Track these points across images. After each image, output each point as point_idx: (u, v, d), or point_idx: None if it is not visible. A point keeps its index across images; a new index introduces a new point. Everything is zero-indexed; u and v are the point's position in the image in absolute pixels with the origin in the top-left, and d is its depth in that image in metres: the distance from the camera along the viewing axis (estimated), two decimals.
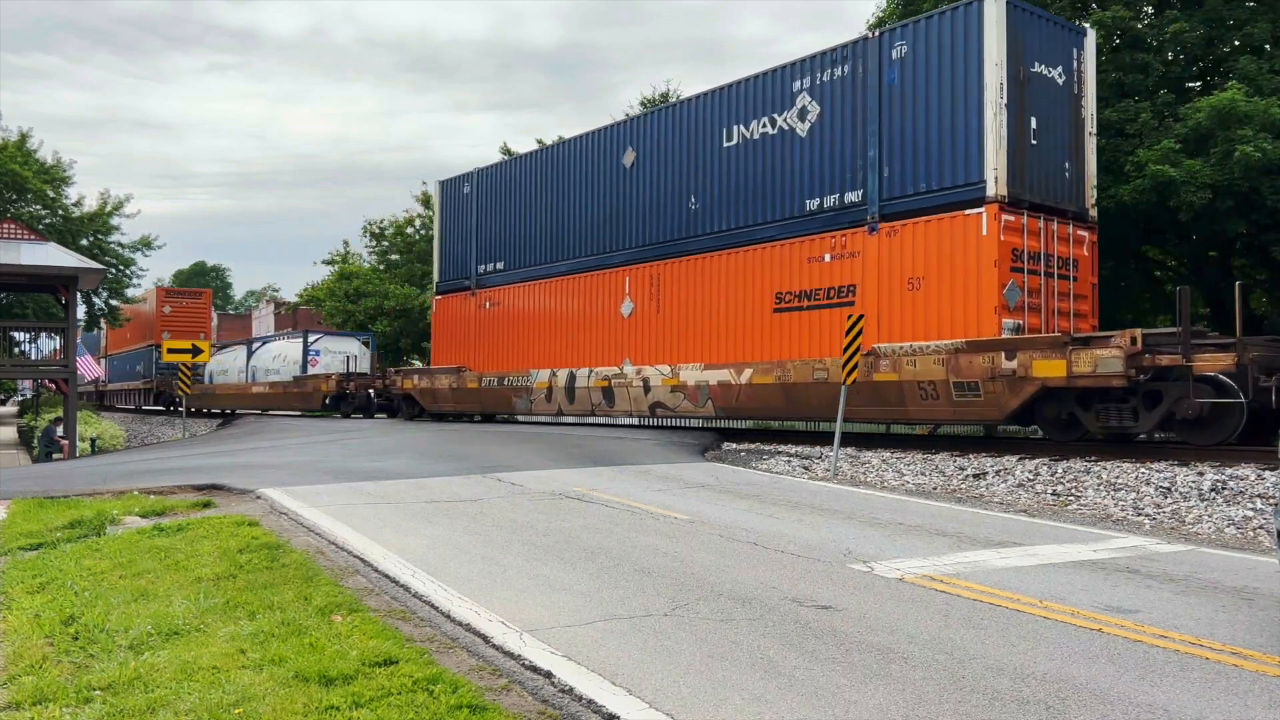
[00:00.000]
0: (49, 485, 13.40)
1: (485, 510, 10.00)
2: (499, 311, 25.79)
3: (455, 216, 28.05)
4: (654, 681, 4.77)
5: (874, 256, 16.54)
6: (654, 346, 20.53)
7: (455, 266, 27.94)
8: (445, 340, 28.08)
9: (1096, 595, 6.46)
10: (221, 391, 44.85)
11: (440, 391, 27.23)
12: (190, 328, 49.72)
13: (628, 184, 21.83)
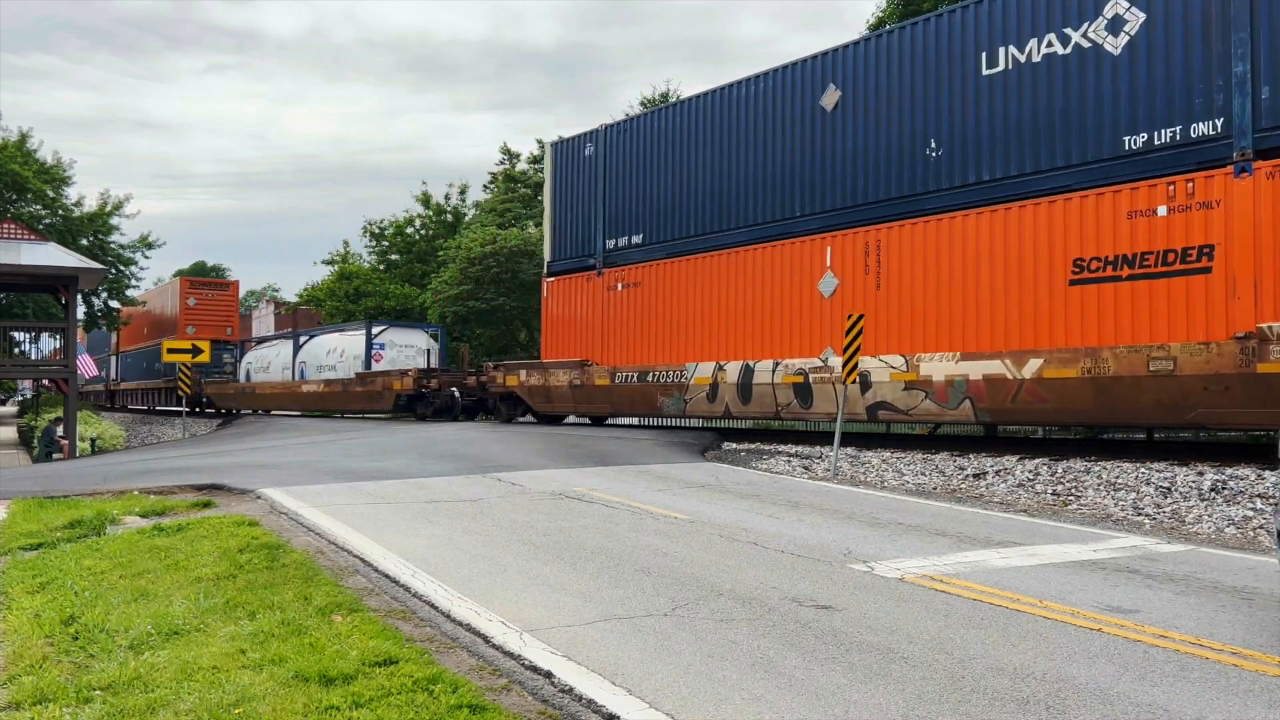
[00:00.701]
0: (49, 485, 13.40)
1: (485, 510, 10.00)
2: (637, 294, 21.40)
3: (573, 183, 23.75)
4: (654, 681, 4.77)
5: (1246, 206, 12.51)
6: (870, 332, 15.95)
7: (573, 243, 23.64)
8: (561, 330, 23.75)
9: (1096, 595, 6.46)
10: (262, 391, 39.65)
11: (556, 390, 23.12)
12: (217, 322, 46.31)
13: (829, 130, 17.51)
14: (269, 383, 39.10)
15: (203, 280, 48.96)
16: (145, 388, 51.96)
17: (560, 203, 24.35)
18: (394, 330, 34.30)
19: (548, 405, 23.84)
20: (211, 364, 43.20)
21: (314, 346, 36.98)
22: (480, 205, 57.61)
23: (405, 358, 32.86)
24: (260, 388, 39.63)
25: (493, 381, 25.64)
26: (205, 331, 44.01)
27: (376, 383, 30.85)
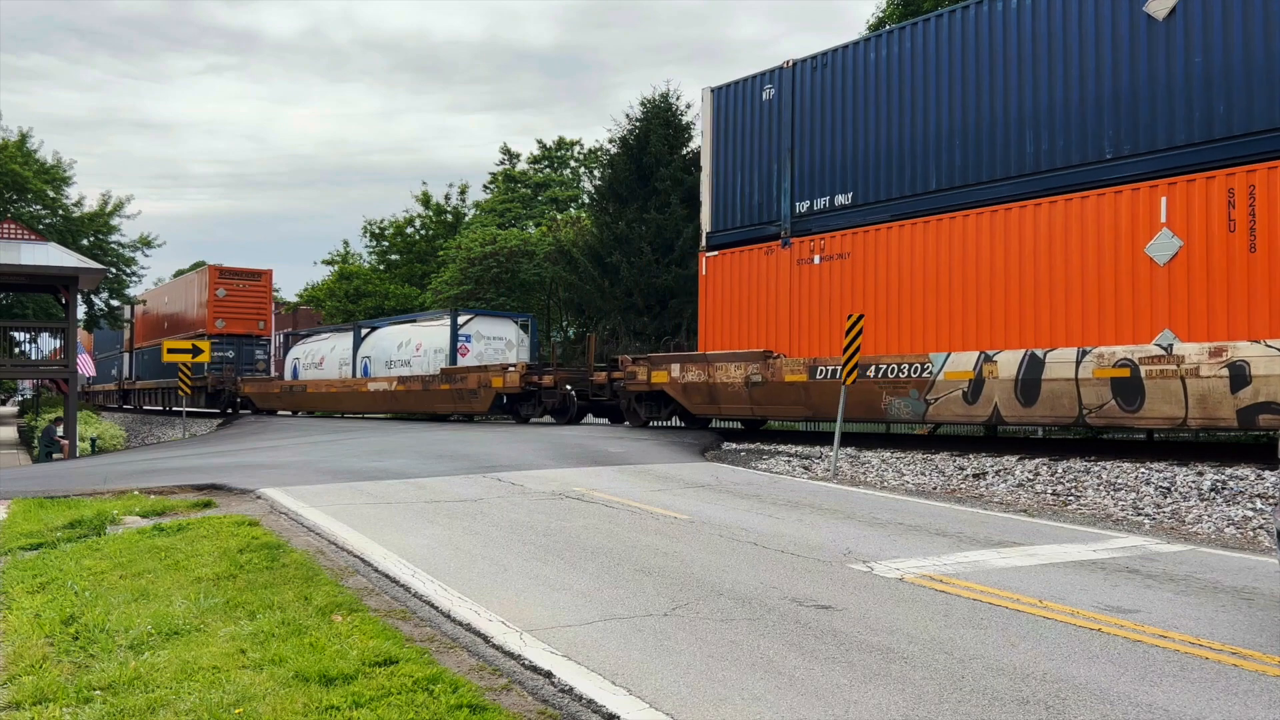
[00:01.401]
0: (49, 485, 13.40)
1: (485, 510, 10.00)
2: (844, 268, 17.19)
3: (744, 136, 19.52)
4: (654, 681, 4.77)
5: None
6: (1243, 308, 12.33)
7: (744, 208, 19.47)
8: (727, 315, 19.52)
9: (1096, 595, 6.46)
10: (315, 390, 34.53)
11: (725, 388, 18.56)
12: (249, 315, 42.34)
13: (1159, 44, 13.44)
14: (323, 381, 34.38)
15: (233, 270, 43.41)
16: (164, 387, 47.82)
17: (724, 161, 20.01)
18: (481, 320, 29.84)
19: (710, 407, 19.38)
20: (243, 360, 41.09)
21: (381, 340, 32.51)
22: (480, 205, 57.62)
23: (493, 351, 29.09)
24: (313, 386, 34.82)
25: (630, 378, 21.18)
26: (236, 325, 41.48)
27: (469, 379, 26.29)
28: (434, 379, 27.88)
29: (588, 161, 58.15)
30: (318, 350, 36.21)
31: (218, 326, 41.16)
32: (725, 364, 18.80)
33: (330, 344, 35.58)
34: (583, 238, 38.34)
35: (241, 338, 41.82)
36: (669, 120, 37.11)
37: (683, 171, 36.58)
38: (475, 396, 26.09)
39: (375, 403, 31.48)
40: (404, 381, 29.19)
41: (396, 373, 30.29)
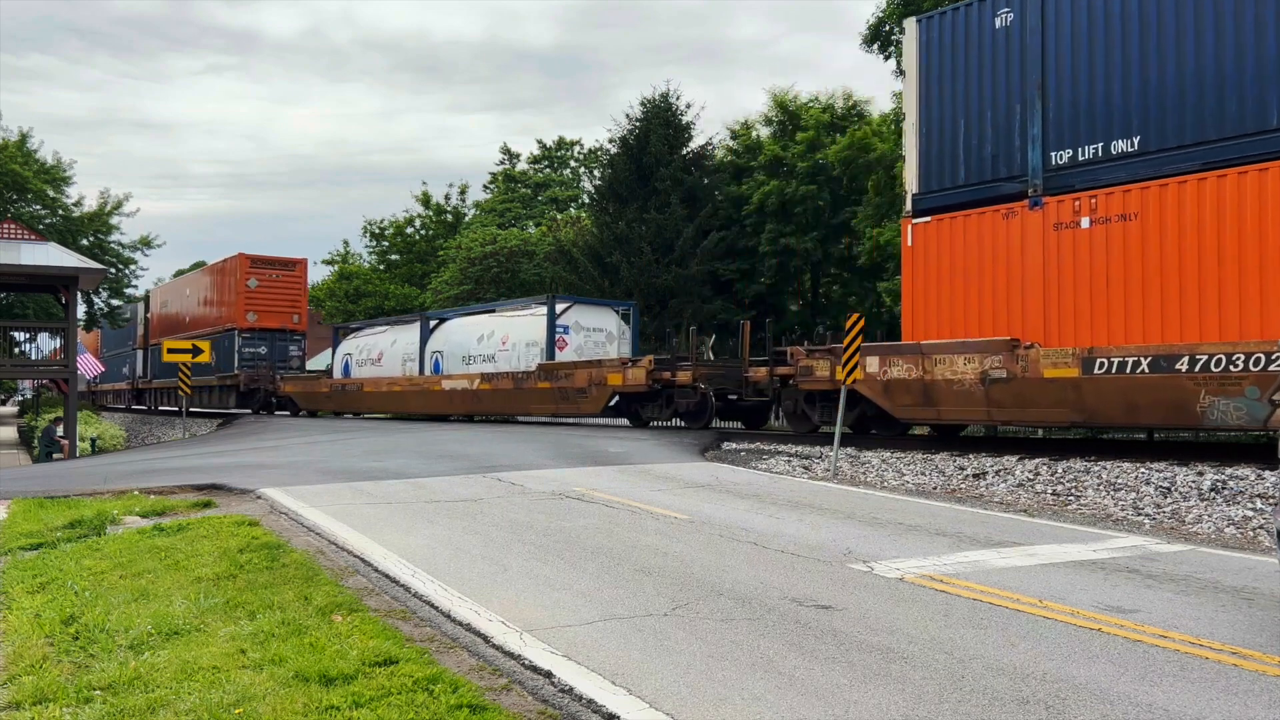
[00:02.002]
0: (49, 485, 13.40)
1: (485, 510, 10.00)
2: (1125, 232, 13.59)
3: (968, 74, 15.76)
4: (654, 681, 4.77)
5: None
6: None
7: (971, 162, 15.71)
8: (945, 295, 15.82)
9: (1096, 595, 6.46)
10: (372, 390, 30.71)
11: (949, 386, 14.85)
12: (283, 307, 39.09)
13: None
14: (384, 379, 30.43)
15: (266, 259, 39.71)
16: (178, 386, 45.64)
17: (938, 106, 16.28)
18: (580, 309, 26.02)
19: (923, 409, 15.57)
20: (276, 357, 38.05)
21: (454, 332, 28.87)
22: (480, 205, 57.64)
23: (593, 345, 25.41)
24: (371, 385, 30.82)
25: (805, 374, 17.42)
26: (269, 319, 38.28)
27: (576, 376, 22.83)
28: (528, 376, 24.26)
29: (588, 161, 58.18)
30: (374, 345, 32.19)
31: (249, 320, 38.01)
32: (949, 356, 14.96)
33: (389, 338, 31.65)
34: (583, 238, 38.33)
35: (275, 332, 38.84)
36: (669, 120, 37.12)
37: (682, 171, 36.59)
38: (584, 396, 22.54)
39: (452, 403, 27.45)
40: (490, 380, 25.52)
41: (478, 369, 26.54)
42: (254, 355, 37.96)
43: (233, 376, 37.50)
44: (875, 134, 32.60)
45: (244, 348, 37.96)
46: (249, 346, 37.86)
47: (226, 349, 38.70)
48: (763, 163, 37.11)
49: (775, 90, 43.31)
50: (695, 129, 37.98)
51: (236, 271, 38.74)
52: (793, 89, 44.01)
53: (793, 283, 38.69)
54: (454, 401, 27.36)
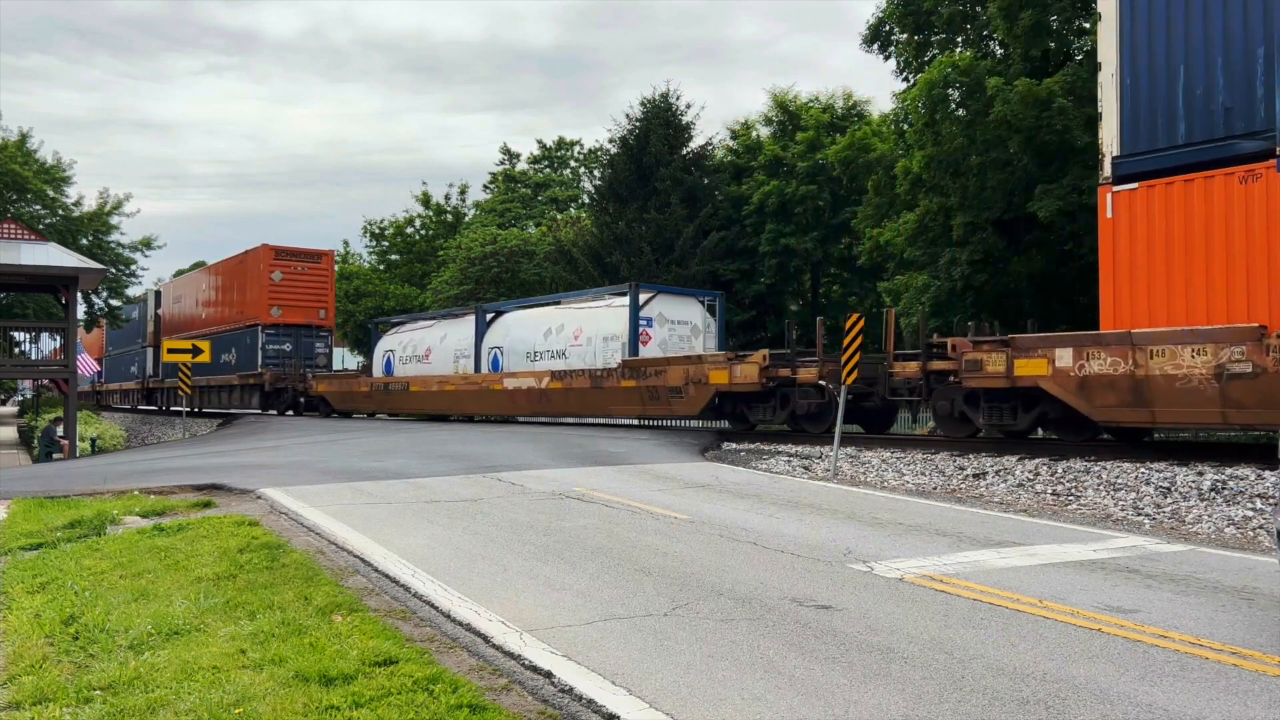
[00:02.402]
0: (49, 485, 13.40)
1: (485, 510, 10.00)
2: None
3: (1189, 10, 13.35)
4: (654, 681, 4.77)
5: None
6: None
7: (1193, 117, 13.26)
8: (1160, 274, 13.54)
9: (1096, 595, 6.46)
10: (421, 389, 27.98)
11: (1169, 382, 12.64)
12: (309, 301, 36.71)
13: None
14: (434, 377, 27.73)
15: (291, 250, 37.10)
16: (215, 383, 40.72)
17: (1146, 51, 13.91)
18: (664, 300, 23.08)
19: (1134, 411, 13.21)
20: (302, 354, 35.89)
21: (515, 326, 26.03)
22: (480, 205, 57.67)
23: (678, 339, 22.76)
24: (419, 384, 28.12)
25: (972, 369, 15.15)
26: (294, 314, 35.98)
27: (669, 374, 20.12)
28: (609, 374, 21.53)
29: (588, 161, 58.20)
30: (420, 340, 29.52)
31: (273, 315, 35.62)
32: (1171, 347, 12.69)
33: (438, 333, 29.06)
34: (583, 238, 38.33)
35: (300, 328, 36.45)
36: (669, 120, 37.13)
37: (682, 171, 36.60)
38: (679, 397, 19.85)
39: (516, 404, 24.60)
40: (562, 378, 22.84)
41: (546, 366, 23.85)
42: (278, 352, 35.63)
43: (256, 375, 35.18)
44: (875, 134, 32.62)
45: (268, 344, 35.60)
46: (273, 343, 35.68)
47: (249, 346, 36.34)
48: (763, 163, 37.12)
49: (775, 90, 43.34)
50: (695, 129, 38.02)
51: (259, 264, 36.17)
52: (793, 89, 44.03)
53: (793, 283, 38.70)
54: (518, 402, 24.43)
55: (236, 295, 38.57)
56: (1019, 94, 20.97)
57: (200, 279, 43.82)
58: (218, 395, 39.72)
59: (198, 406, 41.67)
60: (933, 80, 23.15)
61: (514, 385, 24.39)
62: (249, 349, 36.41)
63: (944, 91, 23.39)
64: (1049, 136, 21.17)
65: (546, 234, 44.01)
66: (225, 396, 38.97)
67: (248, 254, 37.85)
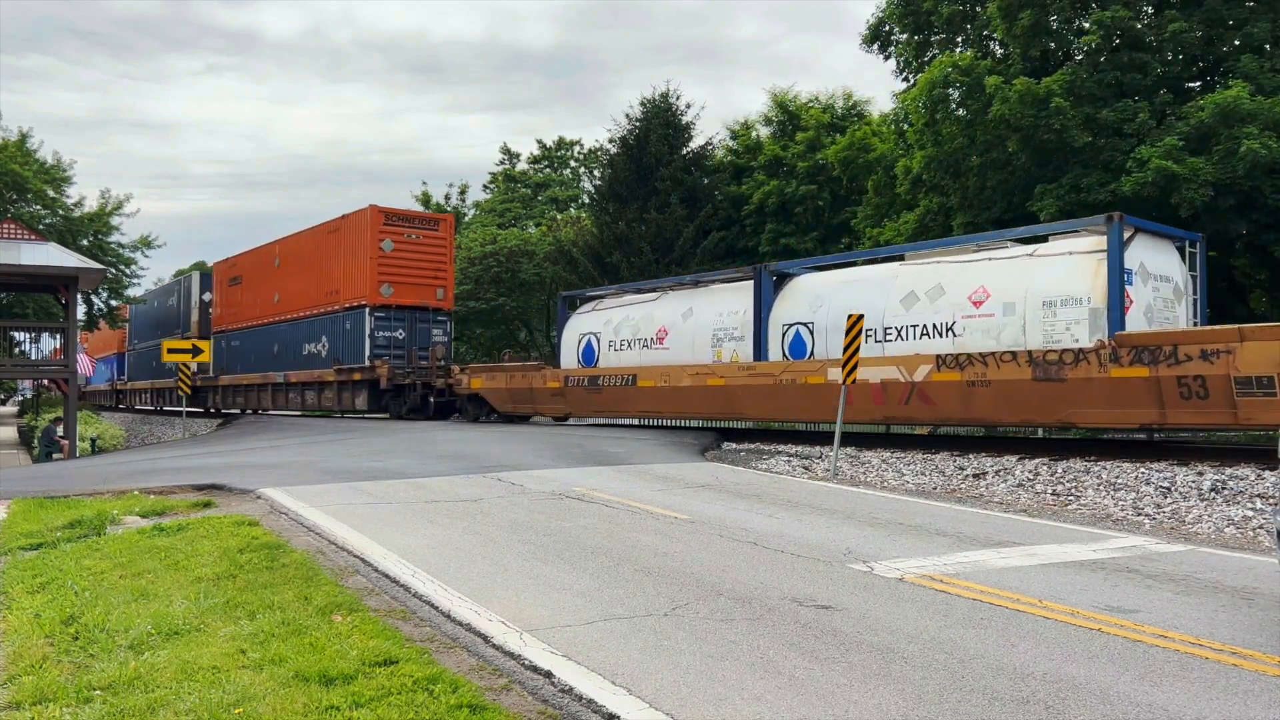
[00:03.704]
0: (49, 485, 13.40)
1: (485, 510, 10.00)
2: None
3: None
4: (654, 681, 4.77)
5: None
6: None
7: None
8: None
9: (1096, 595, 6.46)
10: (657, 384, 20.26)
11: None
12: (425, 276, 29.52)
13: None
14: (679, 367, 19.80)
15: (404, 213, 30.23)
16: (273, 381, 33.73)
17: None
18: (1144, 243, 14.87)
19: None
20: (418, 343, 29.22)
21: (835, 290, 17.98)
22: (480, 205, 57.69)
23: (1162, 303, 15.01)
24: (651, 376, 20.29)
25: None
26: (408, 293, 29.02)
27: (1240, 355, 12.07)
28: (1076, 358, 13.54)
29: (588, 161, 58.19)
30: (644, 318, 21.46)
31: (383, 295, 28.68)
32: None
33: (675, 306, 20.94)
34: (583, 238, 38.33)
35: (415, 311, 29.44)
36: (669, 120, 37.13)
37: (683, 171, 36.59)
38: (1255, 396, 11.96)
39: (863, 404, 16.25)
40: (956, 365, 14.88)
41: (912, 348, 15.97)
42: (389, 341, 28.84)
43: (364, 369, 28.33)
44: (875, 134, 32.61)
45: (378, 330, 28.62)
46: (383, 329, 28.80)
47: (350, 333, 29.37)
48: (763, 163, 37.12)
49: (775, 90, 43.32)
50: (695, 129, 38.00)
51: (365, 230, 28.86)
52: (792, 89, 44.00)
53: None
54: (867, 404, 16.24)
55: (331, 270, 30.95)
56: (1017, 93, 20.97)
57: (272, 253, 35.71)
58: (298, 395, 32.52)
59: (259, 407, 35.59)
60: (933, 80, 23.14)
61: (867, 376, 15.71)
62: (350, 336, 29.36)
63: (944, 91, 23.39)
64: (1047, 136, 21.17)
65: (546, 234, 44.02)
66: (311, 396, 31.80)
67: (346, 219, 30.56)
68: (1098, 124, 21.16)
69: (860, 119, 37.04)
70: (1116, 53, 22.08)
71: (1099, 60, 22.22)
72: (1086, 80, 21.49)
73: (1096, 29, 21.72)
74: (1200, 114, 19.46)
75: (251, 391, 36.19)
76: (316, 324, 31.71)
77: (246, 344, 36.60)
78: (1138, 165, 19.74)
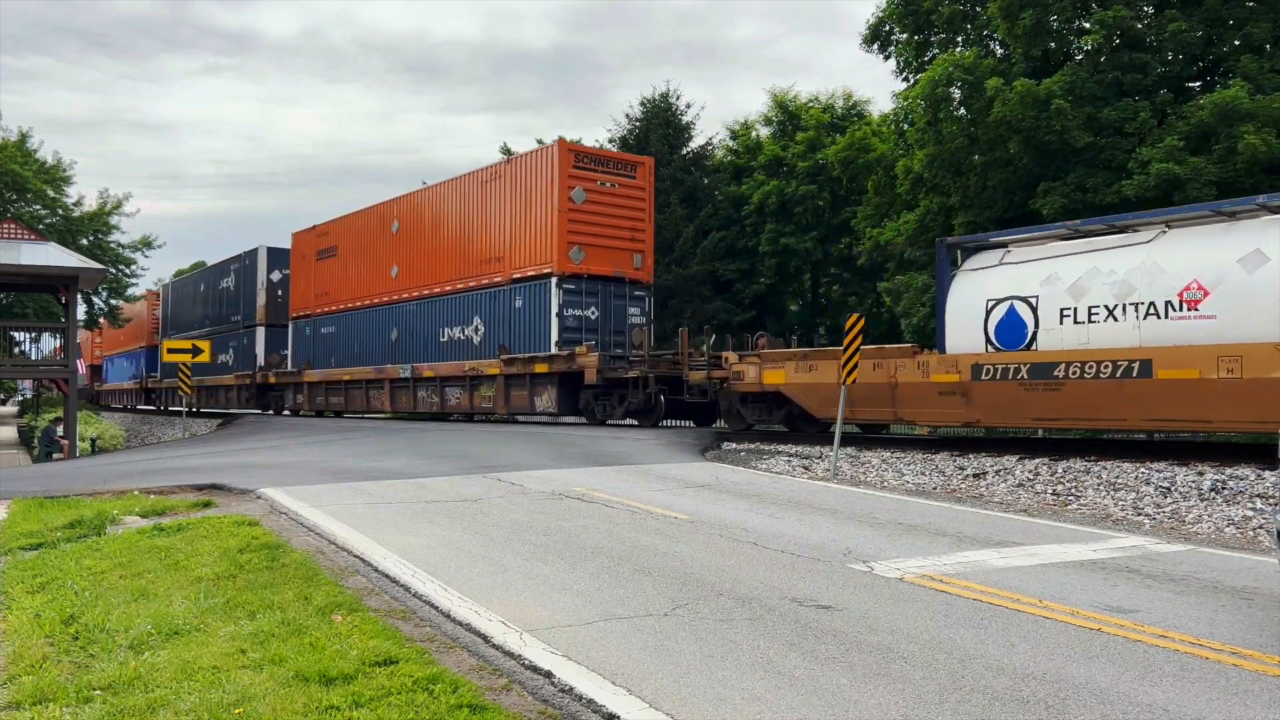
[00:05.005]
0: (49, 485, 13.40)
1: (485, 510, 10.00)
2: None
3: None
4: (654, 681, 4.77)
5: None
6: None
7: None
8: None
9: (1096, 595, 6.46)
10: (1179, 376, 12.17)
11: None
12: (621, 239, 22.86)
13: None
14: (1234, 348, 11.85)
15: (596, 153, 24.04)
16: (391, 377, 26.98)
17: None
18: None
19: None
20: (613, 324, 22.80)
21: None
22: None
23: None
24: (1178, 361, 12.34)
25: None
26: (602, 260, 22.34)
27: None
28: None
29: None
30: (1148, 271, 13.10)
31: (573, 261, 22.01)
32: None
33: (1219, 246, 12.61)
34: None
35: (610, 283, 22.82)
36: (669, 120, 37.16)
37: (682, 171, 36.60)
38: None
39: None
40: None
41: None
42: (579, 322, 22.26)
43: (553, 359, 21.69)
44: (875, 134, 32.60)
45: (566, 308, 22.08)
46: (572, 307, 22.27)
47: (528, 313, 22.85)
48: (763, 163, 37.13)
49: (775, 90, 43.31)
50: (695, 129, 38.04)
51: (551, 174, 22.06)
52: (792, 89, 44.01)
53: (793, 283, 38.71)
54: None
55: (488, 231, 24.33)
56: (1018, 94, 20.97)
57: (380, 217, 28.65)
58: (433, 393, 25.82)
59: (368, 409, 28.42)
60: (935, 78, 23.14)
61: None
62: (523, 317, 22.94)
63: (946, 90, 23.39)
64: (1048, 137, 21.18)
65: None
66: (457, 395, 25.01)
67: (516, 162, 23.73)
68: (1099, 124, 21.16)
69: (860, 119, 37.04)
70: (1117, 52, 22.09)
71: (1099, 60, 22.22)
72: (1087, 80, 21.48)
73: (1098, 28, 21.73)
74: (1200, 113, 19.46)
75: (356, 389, 28.82)
76: (464, 302, 24.92)
77: (346, 330, 29.64)
78: (1140, 166, 19.75)
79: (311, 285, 32.22)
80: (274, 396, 33.77)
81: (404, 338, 27.30)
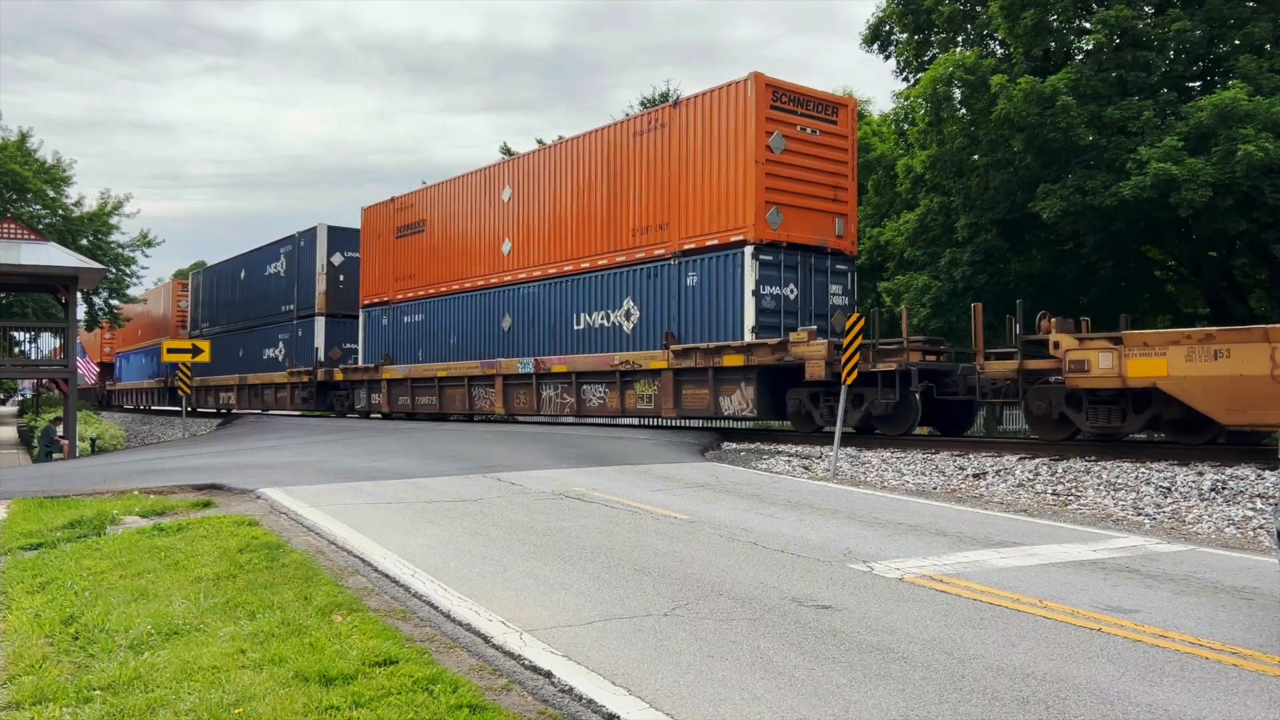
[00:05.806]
0: (49, 485, 13.40)
1: (485, 510, 10.00)
2: None
3: None
4: (654, 681, 4.77)
5: None
6: None
7: None
8: None
9: (1096, 595, 6.46)
10: None
11: None
12: (824, 200, 18.85)
13: None
14: None
15: (796, 90, 18.59)
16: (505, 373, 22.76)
17: None
18: None
19: None
20: (811, 304, 18.63)
21: None
22: None
23: None
24: None
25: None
26: (801, 225, 18.35)
27: None
28: None
29: None
30: None
31: (771, 227, 17.91)
32: None
33: None
34: None
35: (811, 253, 18.72)
36: None
37: None
38: None
39: None
40: None
41: None
42: (776, 303, 18.13)
43: (755, 348, 17.49)
44: (875, 134, 32.61)
45: (763, 284, 17.91)
46: (769, 284, 18.06)
47: (707, 293, 18.65)
48: None
49: None
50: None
51: (745, 115, 17.98)
52: None
53: None
54: None
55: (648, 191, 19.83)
56: (1022, 92, 20.96)
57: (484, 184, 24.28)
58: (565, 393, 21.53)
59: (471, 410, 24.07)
60: (937, 78, 23.14)
61: None
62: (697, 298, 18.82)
63: (948, 90, 23.38)
64: (1053, 135, 21.17)
65: None
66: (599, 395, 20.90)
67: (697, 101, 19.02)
68: (1103, 122, 21.16)
69: (860, 119, 37.03)
70: (1119, 51, 22.08)
71: (1101, 59, 22.22)
72: (1091, 78, 21.47)
73: (1099, 27, 21.73)
74: (1199, 114, 19.46)
75: (455, 387, 24.52)
76: (608, 281, 20.60)
77: (438, 318, 25.46)
78: (1137, 167, 19.75)
79: (390, 267, 27.51)
80: (339, 396, 29.42)
81: (520, 326, 22.94)
